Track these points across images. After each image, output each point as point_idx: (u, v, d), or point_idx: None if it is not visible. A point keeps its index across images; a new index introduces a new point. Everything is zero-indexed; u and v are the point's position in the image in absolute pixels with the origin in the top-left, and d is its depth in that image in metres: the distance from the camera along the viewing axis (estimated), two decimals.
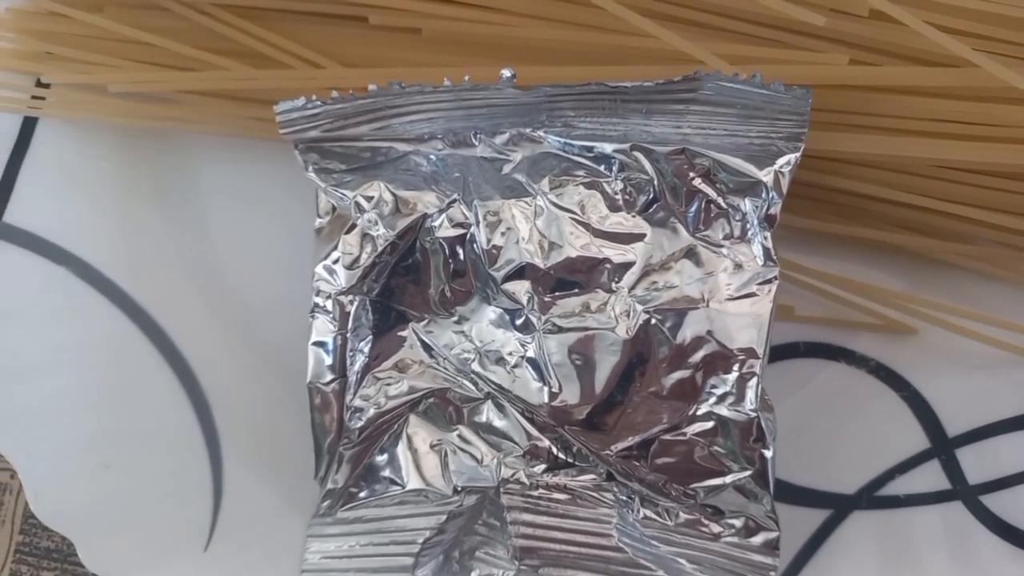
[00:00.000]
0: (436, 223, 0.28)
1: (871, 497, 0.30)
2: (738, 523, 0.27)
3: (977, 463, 0.30)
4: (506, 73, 0.27)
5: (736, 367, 0.27)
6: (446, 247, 0.28)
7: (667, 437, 0.27)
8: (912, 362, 0.31)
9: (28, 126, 0.32)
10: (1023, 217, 0.29)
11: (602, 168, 0.27)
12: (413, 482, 0.28)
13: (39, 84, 0.33)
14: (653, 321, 0.27)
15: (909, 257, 0.31)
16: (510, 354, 0.28)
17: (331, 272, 0.28)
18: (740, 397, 0.27)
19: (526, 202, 0.27)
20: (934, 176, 0.30)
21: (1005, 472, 0.29)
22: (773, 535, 0.27)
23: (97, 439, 0.30)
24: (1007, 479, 0.29)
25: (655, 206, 0.27)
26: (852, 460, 0.30)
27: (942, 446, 0.30)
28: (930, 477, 0.30)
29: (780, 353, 0.31)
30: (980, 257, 0.31)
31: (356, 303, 0.28)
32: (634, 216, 0.27)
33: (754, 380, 0.27)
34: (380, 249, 0.28)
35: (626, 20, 0.28)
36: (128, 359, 0.31)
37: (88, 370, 0.30)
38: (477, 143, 0.28)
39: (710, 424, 0.27)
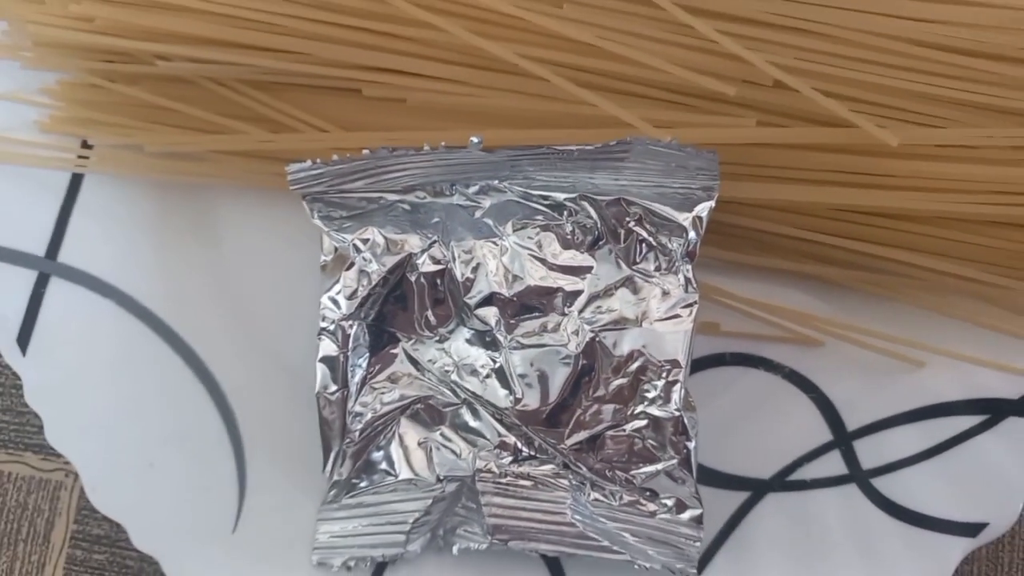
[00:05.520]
0: (420, 260, 0.29)
1: (782, 481, 0.30)
2: (670, 502, 0.29)
3: (869, 452, 0.30)
4: (474, 139, 0.28)
5: (664, 375, 0.28)
6: (428, 280, 0.29)
7: (610, 433, 0.29)
8: (819, 368, 0.32)
9: (76, 181, 0.33)
10: (901, 249, 0.31)
11: (556, 214, 0.29)
12: (404, 473, 0.29)
13: (85, 145, 0.33)
14: (598, 338, 0.29)
15: (814, 282, 0.32)
16: (482, 367, 0.29)
17: (334, 302, 0.29)
18: (667, 399, 0.28)
19: (494, 242, 0.29)
20: (828, 216, 0.31)
21: (892, 458, 0.30)
22: (698, 512, 0.29)
23: (142, 443, 0.30)
24: (893, 464, 0.30)
25: (599, 244, 0.29)
26: (767, 450, 0.31)
27: (842, 438, 0.31)
28: (831, 464, 0.30)
29: (708, 362, 0.32)
30: (871, 281, 0.32)
31: (355, 327, 0.29)
32: (583, 253, 0.29)
33: (678, 385, 0.28)
34: (374, 283, 0.29)
35: (569, 91, 0.29)
36: (166, 376, 0.31)
37: (132, 386, 0.31)
38: (453, 193, 0.29)
39: (644, 422, 0.29)
